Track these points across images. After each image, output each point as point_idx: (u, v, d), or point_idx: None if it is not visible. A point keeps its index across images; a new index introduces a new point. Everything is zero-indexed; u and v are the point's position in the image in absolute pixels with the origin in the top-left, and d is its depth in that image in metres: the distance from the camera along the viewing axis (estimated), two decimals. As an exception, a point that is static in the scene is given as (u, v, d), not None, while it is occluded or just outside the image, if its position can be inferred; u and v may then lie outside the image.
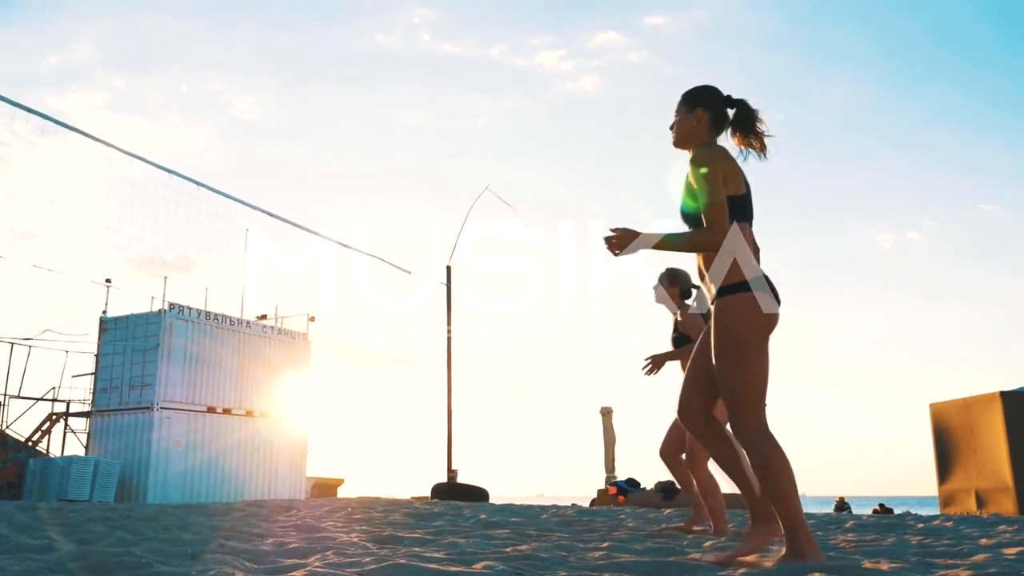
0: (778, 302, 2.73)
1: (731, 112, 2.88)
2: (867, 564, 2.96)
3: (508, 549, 3.37)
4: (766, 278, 2.74)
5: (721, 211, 2.67)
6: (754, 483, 2.84)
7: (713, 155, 2.75)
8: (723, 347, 2.69)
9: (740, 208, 2.73)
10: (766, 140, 2.85)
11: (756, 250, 2.81)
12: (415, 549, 3.37)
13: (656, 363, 4.76)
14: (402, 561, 2.64)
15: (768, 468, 2.61)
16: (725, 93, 2.90)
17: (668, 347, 4.92)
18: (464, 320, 15.48)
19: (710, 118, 2.86)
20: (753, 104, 2.86)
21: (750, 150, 2.86)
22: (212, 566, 2.60)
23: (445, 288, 15.49)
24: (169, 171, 11.33)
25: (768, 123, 2.84)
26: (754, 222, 2.84)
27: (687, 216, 2.82)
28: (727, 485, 4.65)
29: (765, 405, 2.71)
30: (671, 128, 2.95)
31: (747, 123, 2.85)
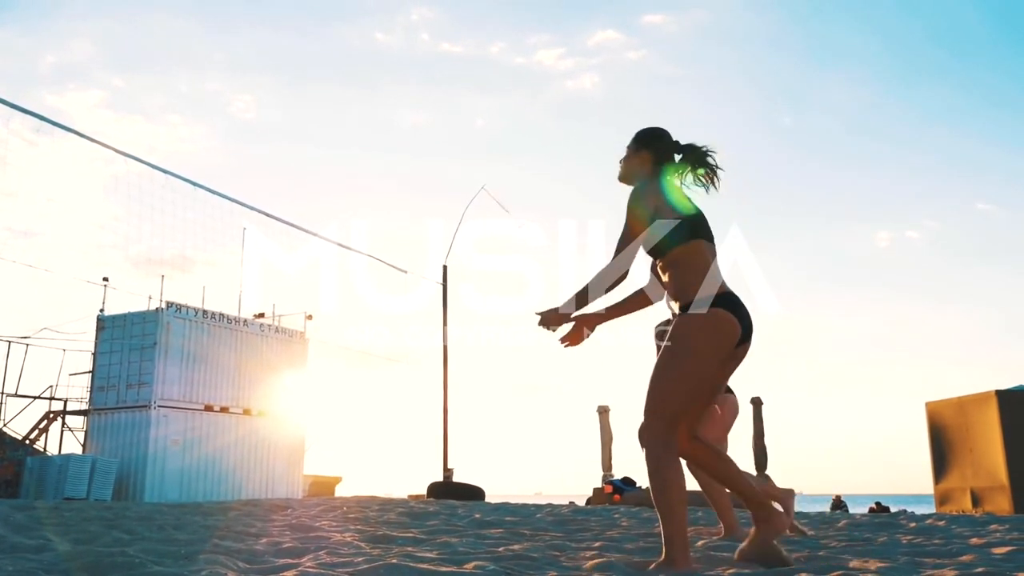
0: (743, 322, 2.76)
1: (678, 157, 3.00)
2: (855, 563, 2.99)
3: (501, 549, 3.39)
4: (733, 297, 2.78)
5: (626, 243, 2.79)
6: (745, 487, 2.86)
7: (643, 192, 2.84)
8: (669, 352, 2.73)
9: (692, 228, 2.81)
10: (717, 175, 2.97)
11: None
12: (408, 549, 3.39)
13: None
14: (394, 561, 2.67)
15: (660, 477, 2.66)
16: (675, 138, 3.01)
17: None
18: (462, 320, 15.51)
19: (652, 160, 2.97)
20: (702, 146, 2.97)
21: (702, 183, 2.98)
22: (205, 566, 2.62)
23: (441, 288, 15.52)
24: (165, 171, 11.34)
25: (719, 160, 2.97)
26: (715, 240, 2.89)
27: (650, 250, 2.88)
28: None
29: (678, 421, 2.74)
30: (620, 162, 3.06)
31: (696, 164, 2.98)
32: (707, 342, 2.71)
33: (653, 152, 2.98)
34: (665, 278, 2.88)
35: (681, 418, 2.76)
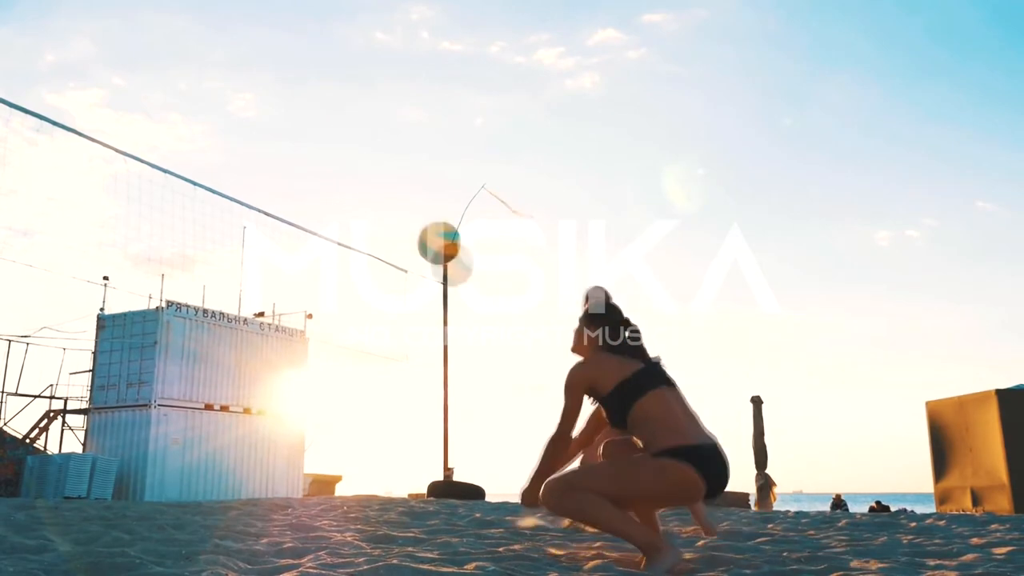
0: (711, 478, 2.73)
1: (624, 330, 3.07)
2: (856, 563, 2.99)
3: (501, 549, 3.39)
4: (705, 450, 2.75)
5: (565, 418, 2.93)
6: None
7: (579, 371, 2.96)
8: (626, 467, 2.80)
9: (638, 386, 2.85)
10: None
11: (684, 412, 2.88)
12: (408, 549, 3.39)
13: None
14: (395, 561, 2.67)
15: (584, 514, 2.77)
16: (621, 316, 3.08)
17: None
18: (462, 319, 15.50)
19: (596, 337, 3.07)
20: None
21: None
22: (206, 567, 2.62)
23: (442, 287, 15.51)
24: (165, 171, 11.34)
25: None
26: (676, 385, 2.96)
27: (610, 420, 2.98)
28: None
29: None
30: (574, 332, 3.15)
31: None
32: (662, 489, 2.75)
33: (597, 329, 3.07)
34: (635, 438, 2.92)
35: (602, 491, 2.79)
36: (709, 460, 2.74)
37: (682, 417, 2.83)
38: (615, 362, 2.94)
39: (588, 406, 3.16)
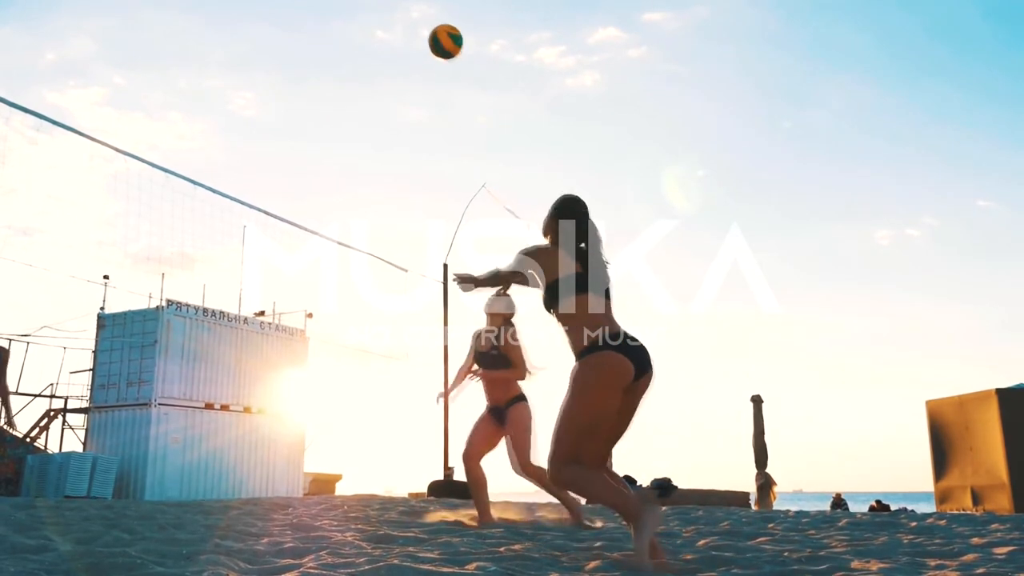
0: (635, 359, 2.99)
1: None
2: (857, 564, 2.99)
3: (502, 549, 3.39)
4: (624, 338, 3.03)
5: (508, 271, 3.37)
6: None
7: (531, 250, 3.31)
8: (566, 397, 3.03)
9: (567, 288, 3.13)
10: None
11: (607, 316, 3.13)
12: (409, 549, 3.39)
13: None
14: (395, 561, 2.67)
15: (580, 487, 3.03)
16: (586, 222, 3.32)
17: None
18: (463, 318, 15.49)
19: (556, 232, 3.33)
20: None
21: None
22: (206, 566, 2.62)
23: (442, 286, 15.51)
24: (165, 170, 11.33)
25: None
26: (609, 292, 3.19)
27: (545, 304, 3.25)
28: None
29: (583, 448, 3.00)
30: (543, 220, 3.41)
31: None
32: (597, 380, 2.97)
33: (557, 228, 3.29)
34: (562, 332, 3.16)
35: (583, 455, 2.99)
36: (630, 346, 2.99)
37: (600, 318, 3.07)
38: (563, 260, 3.18)
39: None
